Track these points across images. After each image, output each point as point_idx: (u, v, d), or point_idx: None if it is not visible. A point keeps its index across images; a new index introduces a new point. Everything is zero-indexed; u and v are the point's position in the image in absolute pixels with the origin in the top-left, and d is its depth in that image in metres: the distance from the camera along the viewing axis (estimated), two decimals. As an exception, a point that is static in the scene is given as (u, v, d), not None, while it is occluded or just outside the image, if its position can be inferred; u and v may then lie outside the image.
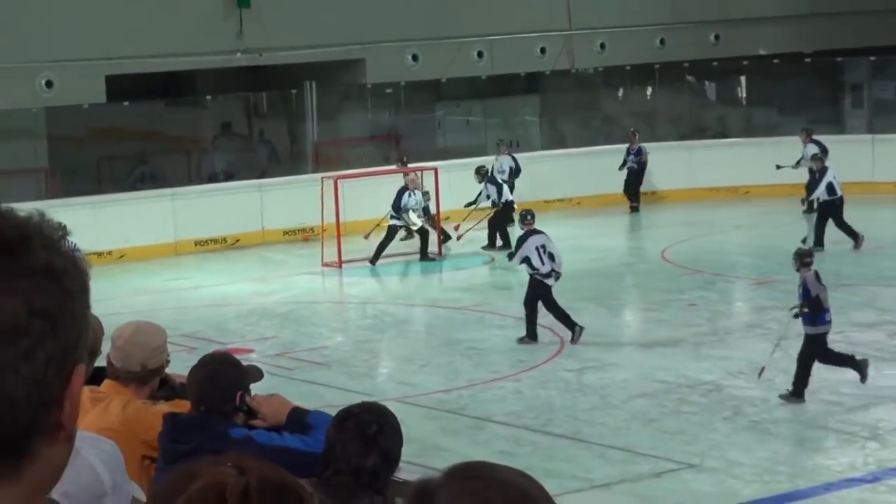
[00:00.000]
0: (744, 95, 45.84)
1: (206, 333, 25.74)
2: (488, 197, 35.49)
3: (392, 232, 33.91)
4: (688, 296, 30.28)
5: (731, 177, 38.31)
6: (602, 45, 42.10)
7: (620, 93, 44.82)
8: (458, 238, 32.97)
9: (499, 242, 34.82)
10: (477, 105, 43.06)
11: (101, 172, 39.13)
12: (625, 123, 42.21)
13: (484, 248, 35.26)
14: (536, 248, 25.83)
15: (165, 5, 36.15)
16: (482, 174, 35.68)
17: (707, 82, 45.80)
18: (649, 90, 44.85)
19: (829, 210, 32.22)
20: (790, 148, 41.24)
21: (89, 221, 34.09)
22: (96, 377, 8.22)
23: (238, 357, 8.21)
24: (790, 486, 18.78)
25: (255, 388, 7.83)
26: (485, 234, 35.24)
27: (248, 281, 32.85)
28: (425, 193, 34.74)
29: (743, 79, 45.39)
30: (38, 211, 2.21)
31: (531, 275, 25.99)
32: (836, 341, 25.43)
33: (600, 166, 36.29)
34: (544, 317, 28.29)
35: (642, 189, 38.54)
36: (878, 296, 29.24)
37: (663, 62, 43.62)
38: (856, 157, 40.57)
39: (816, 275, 23.14)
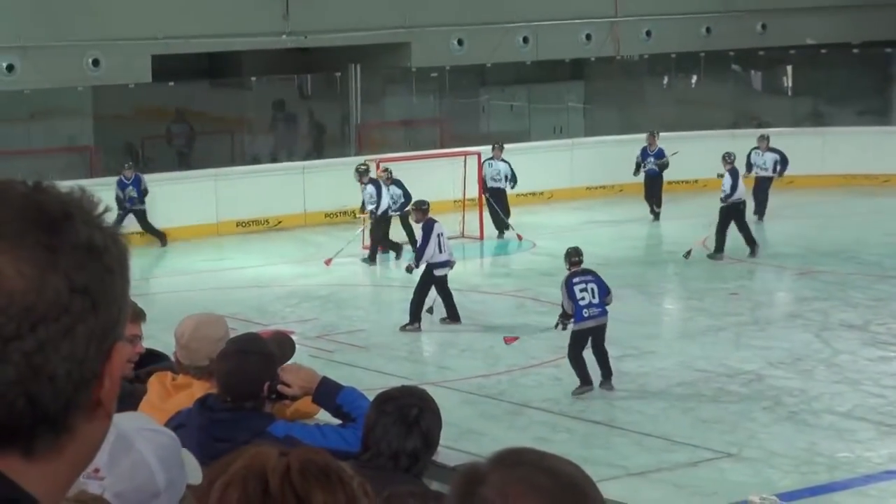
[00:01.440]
0: (790, 85, 45.73)
1: (247, 315, 25.85)
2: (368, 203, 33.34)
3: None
4: (729, 285, 30.29)
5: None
6: (648, 33, 42.19)
7: (665, 80, 44.96)
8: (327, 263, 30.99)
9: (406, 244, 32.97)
10: (521, 91, 43.08)
11: (146, 152, 39.36)
12: (667, 112, 42.19)
13: (364, 260, 33.30)
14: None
15: None
16: (361, 172, 33.65)
17: (753, 71, 45.78)
18: (694, 78, 44.92)
19: (732, 213, 32.13)
20: (837, 138, 41.52)
21: (195, 194, 34.80)
22: (143, 362, 8.34)
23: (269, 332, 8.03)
24: (828, 478, 18.79)
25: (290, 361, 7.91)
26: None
27: (289, 263, 32.99)
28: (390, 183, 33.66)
29: (789, 68, 45.33)
30: (79, 187, 2.19)
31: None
32: (879, 333, 25.61)
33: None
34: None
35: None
36: None
37: (709, 51, 43.60)
38: None
39: (572, 275, 23.39)
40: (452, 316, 26.86)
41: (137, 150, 38.95)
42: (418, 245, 27.05)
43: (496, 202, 34.78)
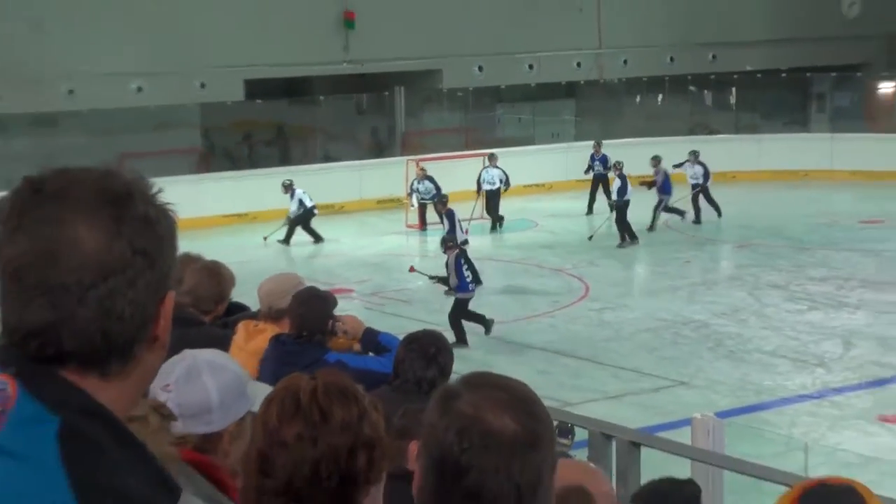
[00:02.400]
0: (734, 102, 45.34)
1: (319, 277, 25.64)
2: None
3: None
4: (684, 255, 30.23)
5: (724, 164, 38.16)
6: (625, 62, 42.02)
7: (638, 99, 44.47)
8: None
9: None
10: (527, 106, 42.64)
11: (241, 153, 39.46)
12: (639, 123, 41.84)
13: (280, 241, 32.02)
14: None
15: (290, 26, 36.06)
16: (286, 186, 32.50)
17: (706, 91, 45.45)
18: (660, 97, 44.46)
19: (624, 209, 31.32)
20: (769, 143, 41.32)
21: (230, 190, 34.62)
22: (231, 312, 8.33)
23: (337, 295, 8.15)
24: (756, 400, 18.91)
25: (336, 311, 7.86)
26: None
27: (350, 237, 32.72)
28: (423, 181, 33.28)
29: (734, 89, 44.86)
30: (139, 173, 2.22)
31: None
32: (797, 291, 25.71)
33: (619, 154, 35.85)
34: (574, 267, 28.74)
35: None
36: (830, 258, 29.08)
37: (671, 75, 43.32)
38: (819, 151, 40.43)
39: (457, 256, 23.03)
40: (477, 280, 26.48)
41: (234, 153, 38.92)
42: (447, 231, 26.28)
43: (490, 200, 34.16)
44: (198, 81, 35.61)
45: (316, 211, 32.50)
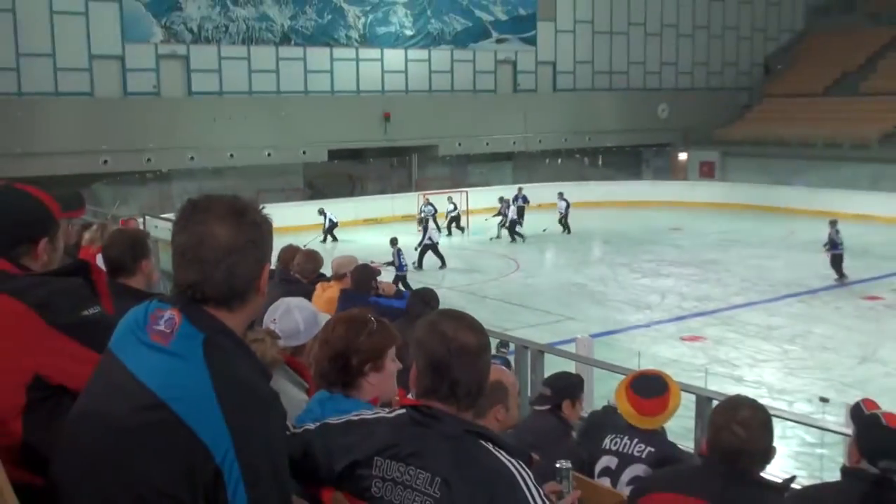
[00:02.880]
0: (600, 164, 44.45)
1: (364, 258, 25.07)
2: None
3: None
4: (573, 248, 29.21)
5: (594, 198, 37.80)
6: (540, 140, 41.33)
7: (547, 161, 43.28)
8: None
9: None
10: (485, 165, 41.73)
11: (329, 191, 38.79)
12: (550, 176, 41.03)
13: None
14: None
15: (355, 119, 35.57)
16: (320, 211, 30.72)
17: (585, 158, 44.28)
18: (559, 160, 43.43)
19: (514, 225, 30.25)
20: (619, 186, 40.62)
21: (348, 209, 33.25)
22: (317, 280, 7.81)
23: (376, 266, 7.70)
24: (613, 328, 18.42)
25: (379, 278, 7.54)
26: None
27: (385, 236, 31.25)
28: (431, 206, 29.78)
29: (600, 156, 44.14)
30: (250, 198, 2.15)
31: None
32: (636, 268, 24.91)
33: (534, 193, 34.88)
34: (511, 253, 27.77)
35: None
36: (653, 249, 28.39)
37: (566, 148, 42.71)
38: (645, 191, 40.03)
39: (398, 251, 22.14)
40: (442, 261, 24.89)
41: (322, 190, 38.13)
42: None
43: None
44: (300, 150, 35.09)
45: (336, 222, 30.69)
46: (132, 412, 1.97)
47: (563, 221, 32.53)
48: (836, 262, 23.21)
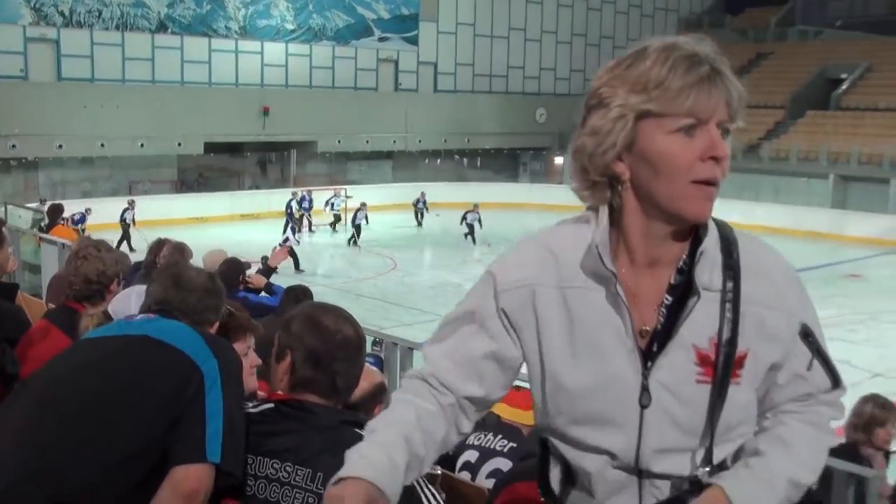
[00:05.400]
0: (478, 165, 44.68)
1: (240, 254, 24.86)
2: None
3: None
4: (453, 250, 29.60)
5: (473, 199, 38.38)
6: (419, 140, 41.45)
7: (427, 161, 43.37)
8: None
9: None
10: (365, 163, 41.49)
11: (198, 185, 38.40)
12: (429, 176, 41.22)
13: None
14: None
15: (233, 112, 35.08)
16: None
17: (464, 159, 44.56)
18: (438, 161, 43.65)
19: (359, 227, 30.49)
20: (498, 188, 40.74)
21: (193, 203, 33.46)
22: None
23: (245, 261, 7.59)
24: None
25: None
26: None
27: (273, 234, 30.32)
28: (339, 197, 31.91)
29: (479, 158, 44.38)
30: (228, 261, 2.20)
31: None
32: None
33: (413, 193, 34.99)
34: (389, 253, 27.65)
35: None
36: None
37: (445, 149, 43.00)
38: (523, 193, 40.34)
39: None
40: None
41: (194, 183, 37.33)
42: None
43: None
44: (176, 142, 34.43)
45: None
46: (116, 345, 2.30)
47: (420, 217, 33.07)
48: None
